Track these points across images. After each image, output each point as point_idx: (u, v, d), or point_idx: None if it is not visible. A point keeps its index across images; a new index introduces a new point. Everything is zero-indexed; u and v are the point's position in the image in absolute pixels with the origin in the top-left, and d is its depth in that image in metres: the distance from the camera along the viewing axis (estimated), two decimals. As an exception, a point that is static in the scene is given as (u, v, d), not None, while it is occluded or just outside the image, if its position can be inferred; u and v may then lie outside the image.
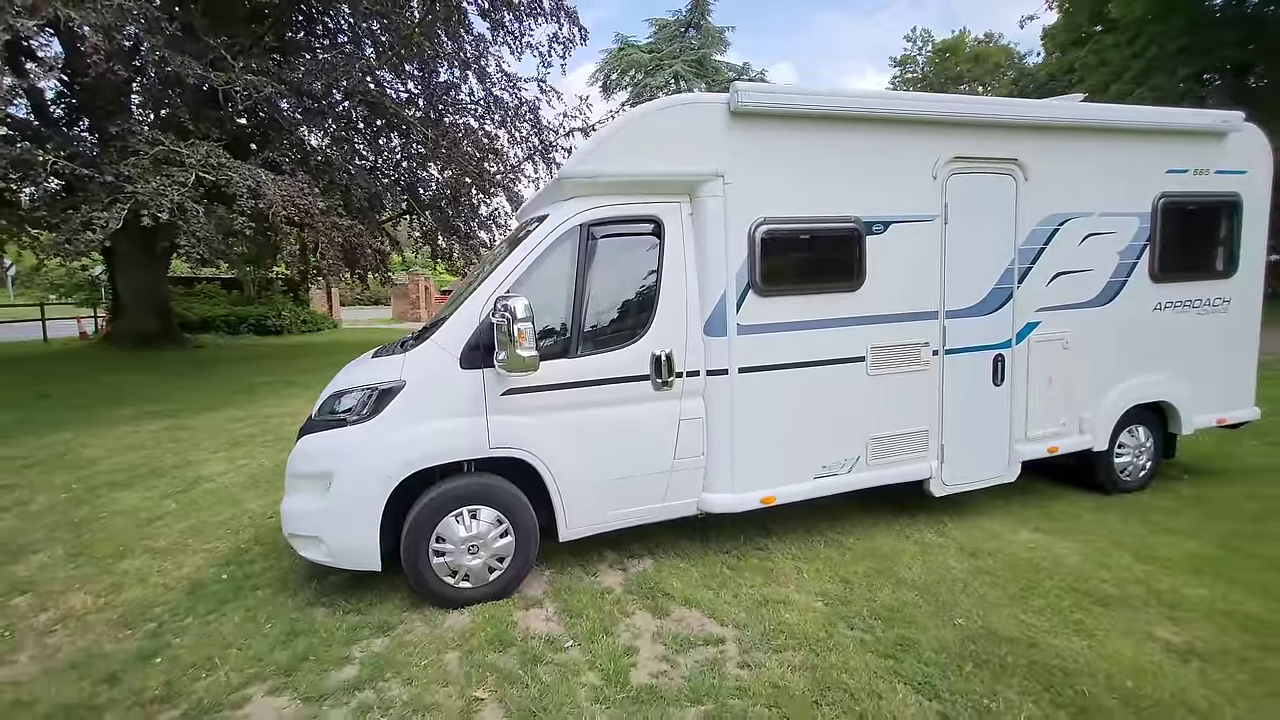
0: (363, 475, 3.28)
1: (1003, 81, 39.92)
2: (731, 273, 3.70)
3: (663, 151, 3.57)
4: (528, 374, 3.29)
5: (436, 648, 3.07)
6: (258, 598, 3.64)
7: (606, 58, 37.08)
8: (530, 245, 3.51)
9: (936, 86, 45.13)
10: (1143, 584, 3.55)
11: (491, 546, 3.46)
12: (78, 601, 3.66)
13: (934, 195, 4.10)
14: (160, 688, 2.80)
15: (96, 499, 5.40)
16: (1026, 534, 4.28)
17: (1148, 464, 5.08)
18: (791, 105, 3.70)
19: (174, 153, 8.52)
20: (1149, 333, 4.84)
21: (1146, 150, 4.67)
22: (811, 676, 2.77)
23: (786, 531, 4.35)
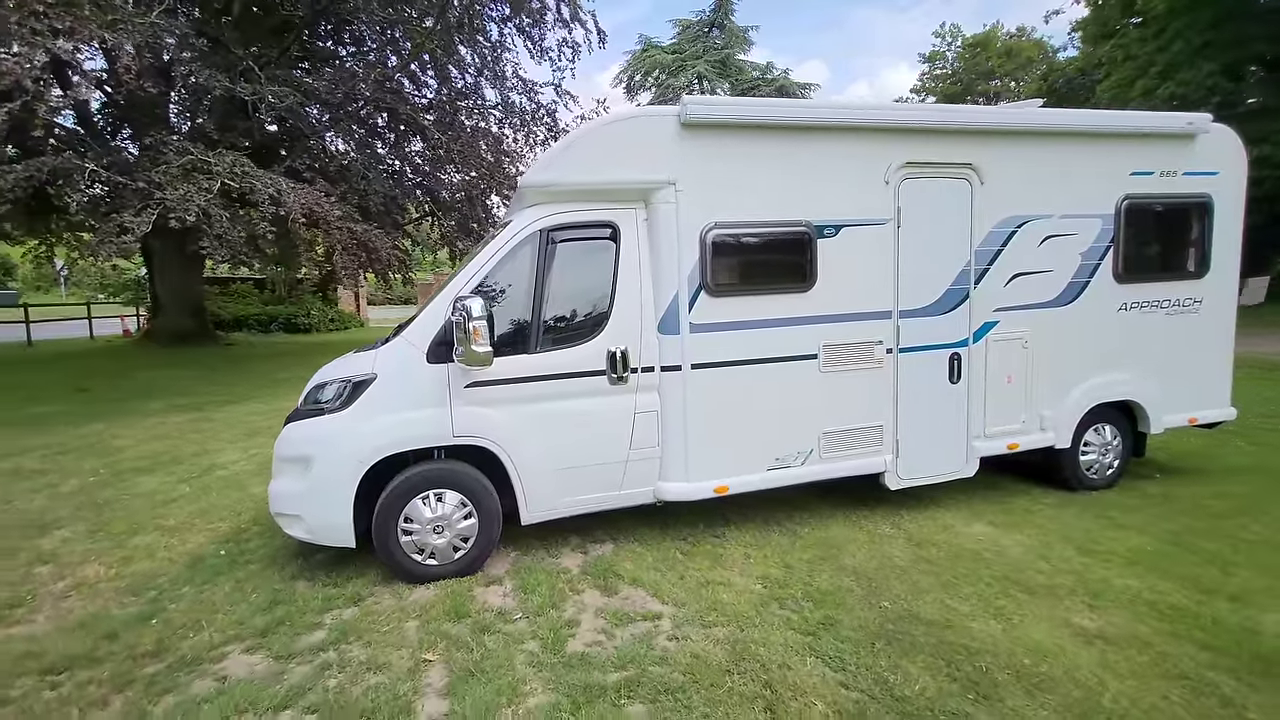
0: (337, 460, 3.61)
1: (1033, 77, 39.04)
2: (684, 275, 3.93)
3: (617, 162, 3.82)
4: (485, 368, 3.57)
5: (399, 617, 3.38)
6: (249, 571, 3.99)
7: (630, 59, 37.40)
8: (492, 249, 3.80)
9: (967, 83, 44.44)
10: (1076, 575, 3.68)
11: (455, 527, 3.75)
12: (91, 572, 4.07)
13: (886, 199, 4.26)
14: (152, 644, 3.15)
15: (120, 483, 5.88)
16: (980, 527, 4.42)
17: (1115, 462, 5.14)
18: (737, 116, 3.92)
19: (202, 162, 9.07)
20: (1113, 333, 4.91)
21: (1108, 153, 4.75)
22: (731, 649, 2.99)
23: (744, 521, 4.56)
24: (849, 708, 2.57)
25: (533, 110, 17.53)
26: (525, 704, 2.65)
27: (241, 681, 2.85)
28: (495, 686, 2.75)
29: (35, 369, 14.09)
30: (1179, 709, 2.53)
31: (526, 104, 17.62)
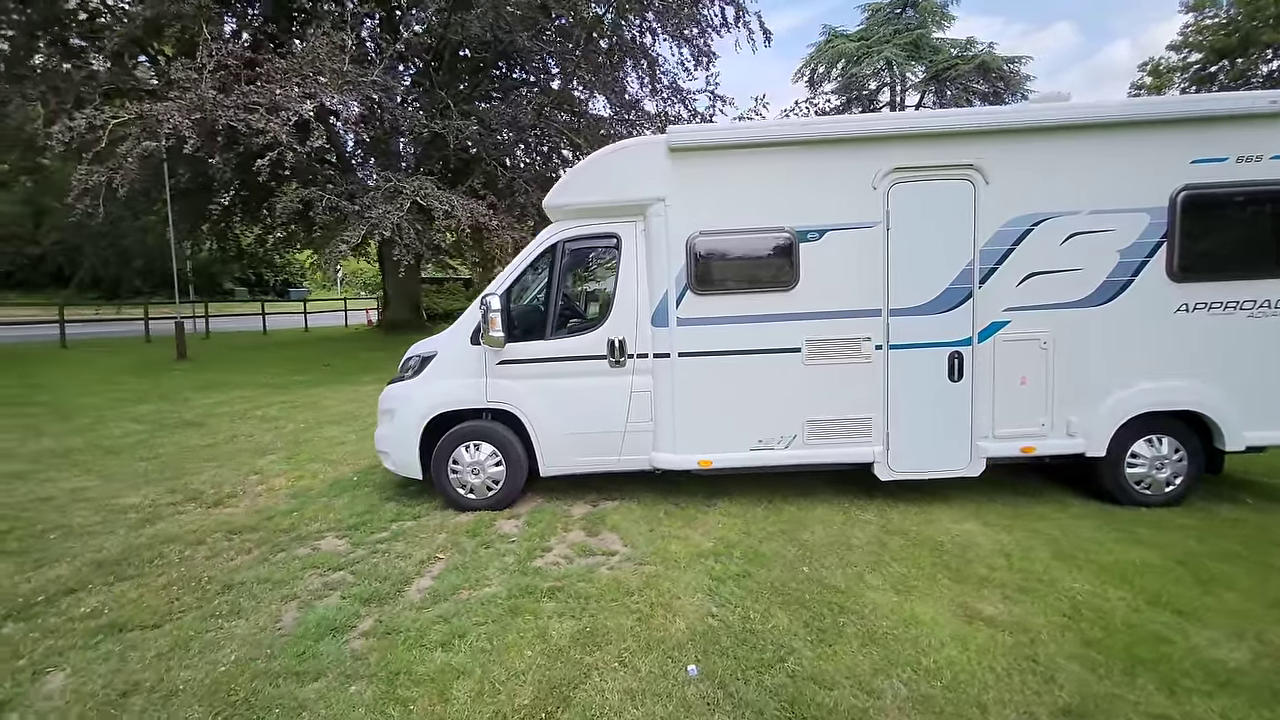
0: (409, 412, 4.94)
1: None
2: (672, 276, 4.63)
3: (617, 184, 4.64)
4: (501, 349, 4.65)
5: (436, 531, 4.59)
6: (364, 491, 5.54)
7: (812, 52, 36.64)
8: (522, 257, 4.85)
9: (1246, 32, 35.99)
10: (1026, 574, 3.69)
11: (488, 471, 4.89)
12: (277, 482, 5.93)
13: (874, 204, 4.50)
14: (287, 526, 4.73)
15: (318, 429, 8.06)
16: (969, 525, 4.45)
17: (1176, 479, 4.68)
18: (717, 140, 4.50)
19: (397, 189, 11.56)
20: (1168, 336, 4.50)
21: (1157, 143, 4.38)
22: (645, 580, 3.70)
23: (742, 495, 5.08)
24: (701, 628, 3.17)
25: (689, 118, 18.53)
26: (479, 590, 3.66)
27: (323, 553, 4.25)
28: (466, 577, 3.79)
29: (306, 348, 18.59)
30: (992, 676, 2.73)
31: (684, 113, 18.68)
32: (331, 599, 3.57)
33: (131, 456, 6.83)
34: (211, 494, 5.55)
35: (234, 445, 7.29)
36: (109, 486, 5.80)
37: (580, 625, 3.23)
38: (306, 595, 3.62)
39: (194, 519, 4.95)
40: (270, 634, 3.20)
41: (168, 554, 4.21)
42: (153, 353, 16.91)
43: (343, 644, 3.10)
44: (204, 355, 16.40)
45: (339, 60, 10.99)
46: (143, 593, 3.66)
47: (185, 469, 6.33)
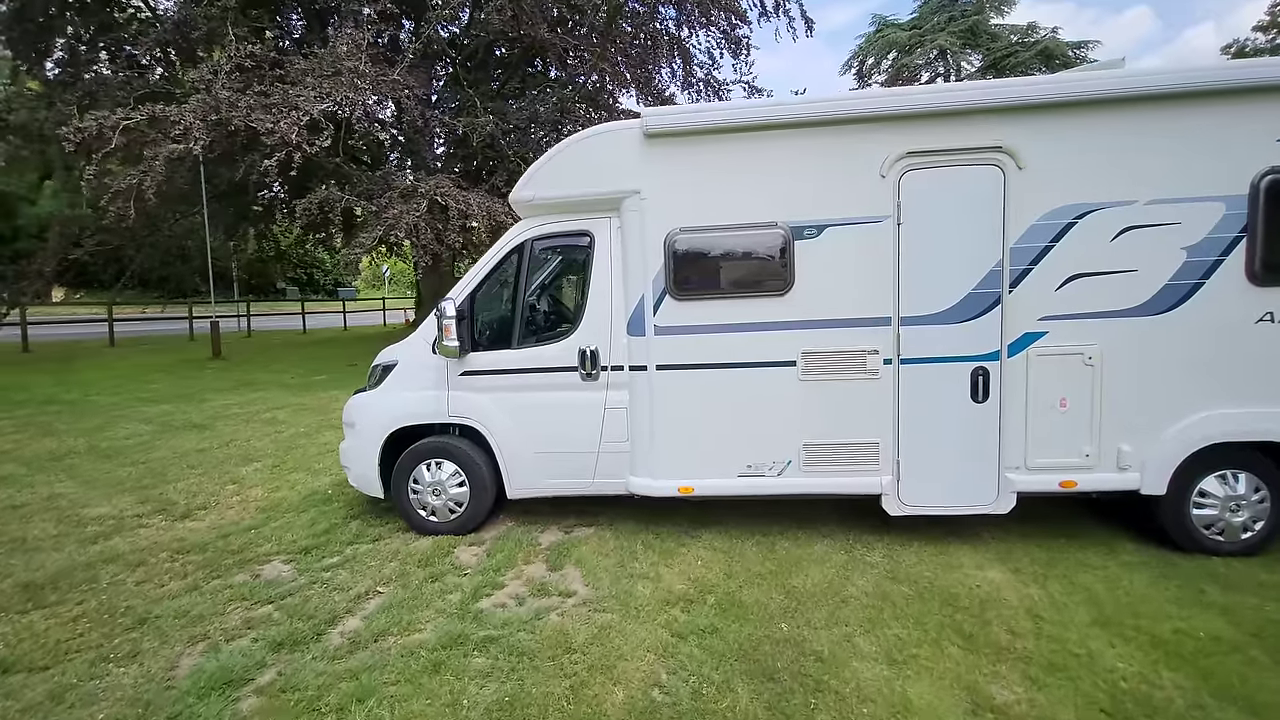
0: (368, 426, 4.57)
1: None
2: (649, 278, 4.09)
3: (587, 176, 4.14)
4: (462, 359, 4.21)
5: (388, 558, 4.19)
6: (333, 507, 5.21)
7: (862, 43, 35.30)
8: (487, 257, 4.40)
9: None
10: (1058, 644, 3.02)
11: (449, 492, 4.47)
12: (254, 493, 5.67)
13: (882, 195, 3.86)
14: (238, 546, 4.42)
15: (315, 434, 7.85)
16: (994, 573, 3.77)
17: (1256, 523, 3.87)
18: (698, 123, 3.93)
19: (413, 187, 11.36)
20: (1248, 351, 3.72)
21: (1236, 116, 3.60)
22: (596, 633, 3.19)
23: (733, 526, 4.50)
24: (641, 703, 2.64)
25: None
26: (408, 636, 3.22)
27: (261, 581, 3.90)
28: (398, 618, 3.36)
29: (338, 347, 18.77)
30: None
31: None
32: (243, 641, 3.20)
33: (123, 461, 6.73)
34: (182, 505, 5.33)
35: (226, 451, 7.12)
36: (85, 494, 5.65)
37: (502, 692, 2.75)
38: (220, 635, 3.26)
39: (151, 534, 4.70)
40: (157, 686, 2.83)
41: (101, 577, 3.94)
42: (192, 351, 17.36)
43: (228, 704, 2.70)
44: (239, 354, 16.71)
45: (357, 59, 10.84)
46: (50, 625, 3.37)
47: (168, 476, 6.16)
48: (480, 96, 14.31)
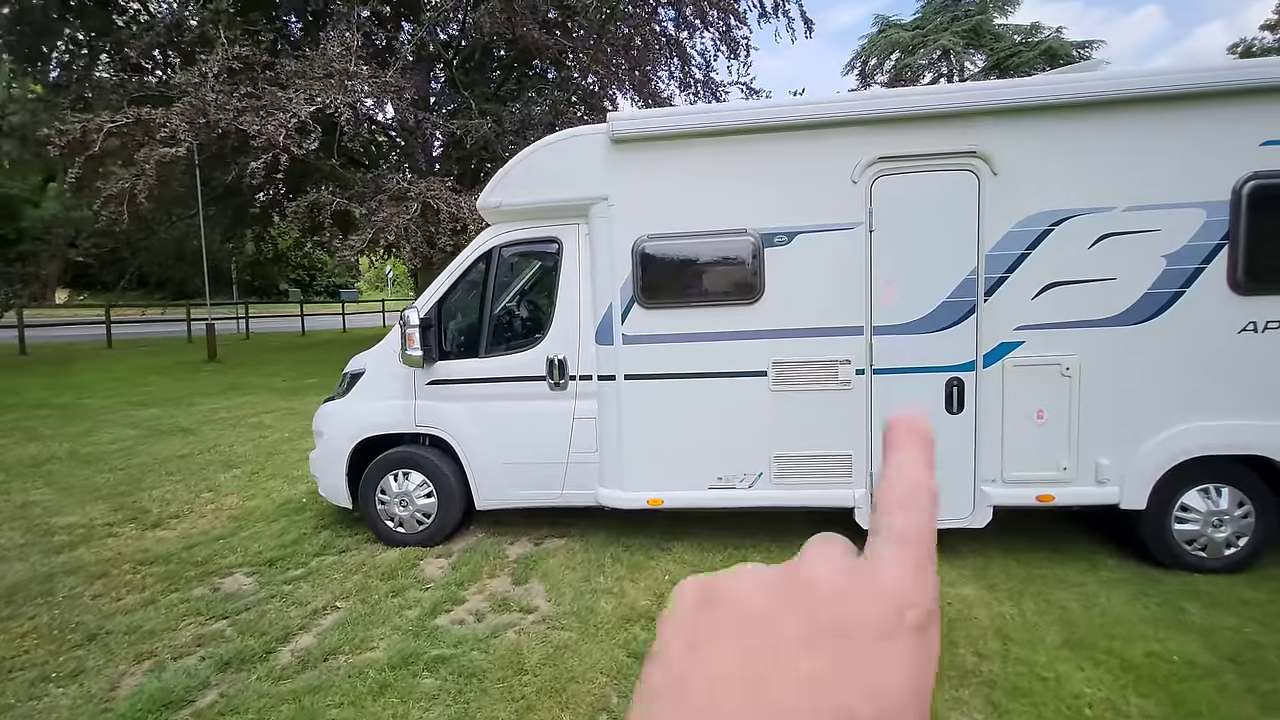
0: (335, 435, 4.50)
1: None
2: (617, 286, 4.01)
3: (553, 182, 4.05)
4: (429, 368, 4.13)
5: (352, 570, 4.12)
6: (305, 516, 5.14)
7: (864, 44, 35.14)
8: (455, 264, 4.33)
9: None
10: (1026, 666, 2.92)
11: (416, 503, 4.39)
12: (228, 501, 5.62)
13: (854, 201, 3.77)
14: (203, 558, 4.35)
15: (298, 440, 7.78)
16: (969, 589, 3.67)
17: (1240, 539, 3.76)
18: (666, 127, 3.84)
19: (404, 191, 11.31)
20: (1230, 361, 3.60)
21: (1218, 120, 3.49)
22: (551, 653, 3.11)
23: (705, 538, 4.41)
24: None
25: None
26: (360, 655, 3.15)
27: (220, 594, 3.83)
28: (352, 635, 3.29)
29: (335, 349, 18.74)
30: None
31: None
32: (190, 660, 3.13)
33: (103, 467, 6.68)
34: (155, 514, 5.27)
35: (208, 457, 7.07)
36: (59, 501, 5.61)
37: (447, 716, 2.67)
38: (167, 653, 3.19)
39: (119, 544, 4.64)
40: (94, 708, 2.76)
41: (59, 590, 3.88)
42: (189, 354, 17.35)
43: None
44: (234, 357, 16.70)
45: (347, 61, 10.78)
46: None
47: (145, 483, 6.11)
48: (476, 99, 14.24)
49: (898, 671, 0.24)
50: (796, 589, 0.27)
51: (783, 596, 0.27)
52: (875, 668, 0.24)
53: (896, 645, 0.25)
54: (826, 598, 0.26)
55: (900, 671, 0.24)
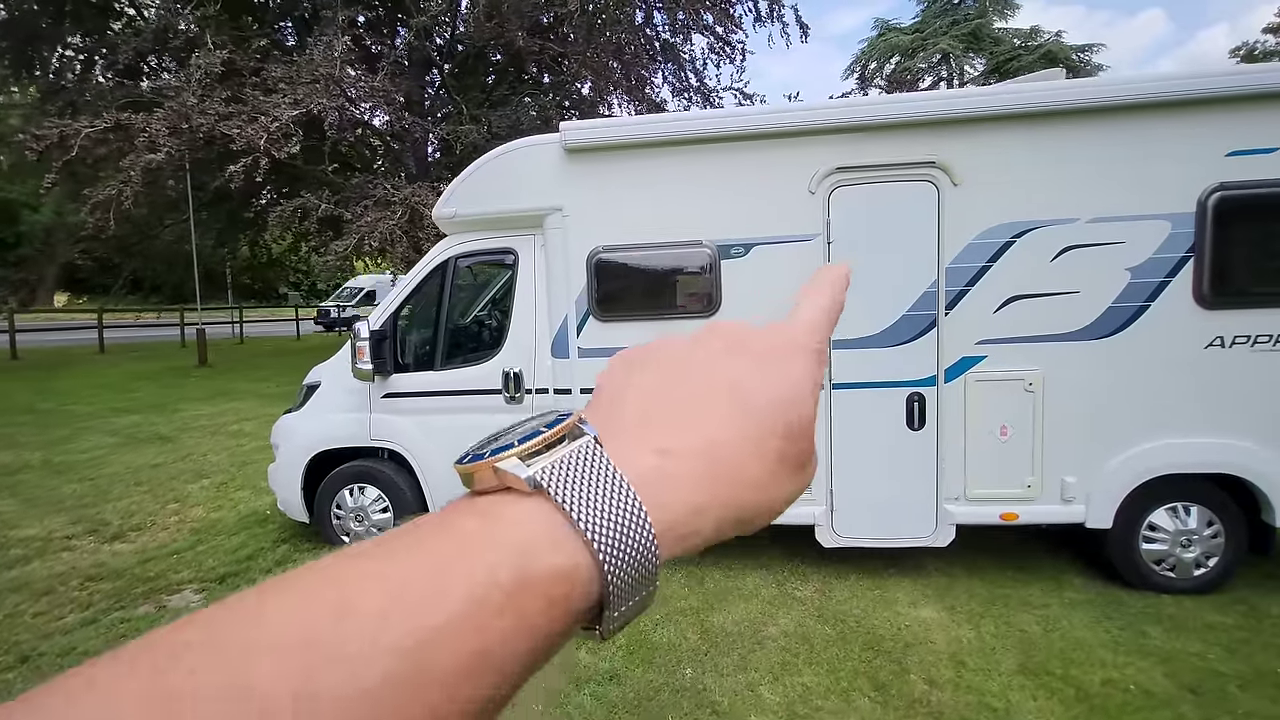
0: (291, 449, 4.43)
1: None
2: (572, 299, 3.93)
3: (507, 192, 3.98)
4: (381, 381, 4.06)
5: (304, 586, 4.04)
6: (267, 530, 5.07)
7: (864, 48, 35.08)
8: (410, 276, 4.26)
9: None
10: (977, 695, 2.82)
11: (372, 518, 4.32)
12: (194, 513, 5.55)
13: (811, 212, 3.68)
14: (155, 573, 4.28)
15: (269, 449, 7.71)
16: (929, 611, 3.57)
17: (1209, 559, 3.65)
18: (618, 137, 3.77)
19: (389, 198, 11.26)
20: (1196, 377, 3.50)
21: (1183, 130, 3.40)
22: (489, 677, 3.01)
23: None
24: (511, 764, 2.46)
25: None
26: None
27: (165, 612, 3.76)
28: (289, 659, 3.20)
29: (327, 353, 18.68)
30: None
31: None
32: (120, 683, 3.04)
33: (73, 477, 6.62)
34: (116, 526, 5.20)
35: (181, 466, 7.01)
36: (22, 513, 5.54)
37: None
38: (99, 676, 3.11)
39: (74, 558, 4.57)
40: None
41: (2, 607, 3.81)
42: (181, 358, 17.33)
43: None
44: (225, 361, 16.67)
45: (332, 66, 10.75)
46: (-72, 663, 3.23)
47: (112, 494, 6.04)
48: (468, 104, 14.21)
49: (798, 380, 0.32)
50: (714, 332, 0.35)
51: (703, 337, 0.35)
52: (778, 373, 0.32)
53: (793, 360, 0.33)
54: (737, 332, 0.35)
55: (799, 381, 0.32)
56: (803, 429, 0.33)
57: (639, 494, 0.27)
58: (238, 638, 0.21)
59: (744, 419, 0.31)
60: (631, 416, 0.32)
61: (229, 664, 0.20)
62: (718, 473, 0.30)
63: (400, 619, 0.22)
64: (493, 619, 0.23)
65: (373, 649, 0.21)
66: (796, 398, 0.33)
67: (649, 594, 0.29)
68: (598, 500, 0.27)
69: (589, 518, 0.26)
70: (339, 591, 0.23)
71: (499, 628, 0.23)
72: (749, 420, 0.31)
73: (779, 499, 0.33)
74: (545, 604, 0.25)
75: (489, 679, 0.23)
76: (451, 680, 0.22)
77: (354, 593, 0.22)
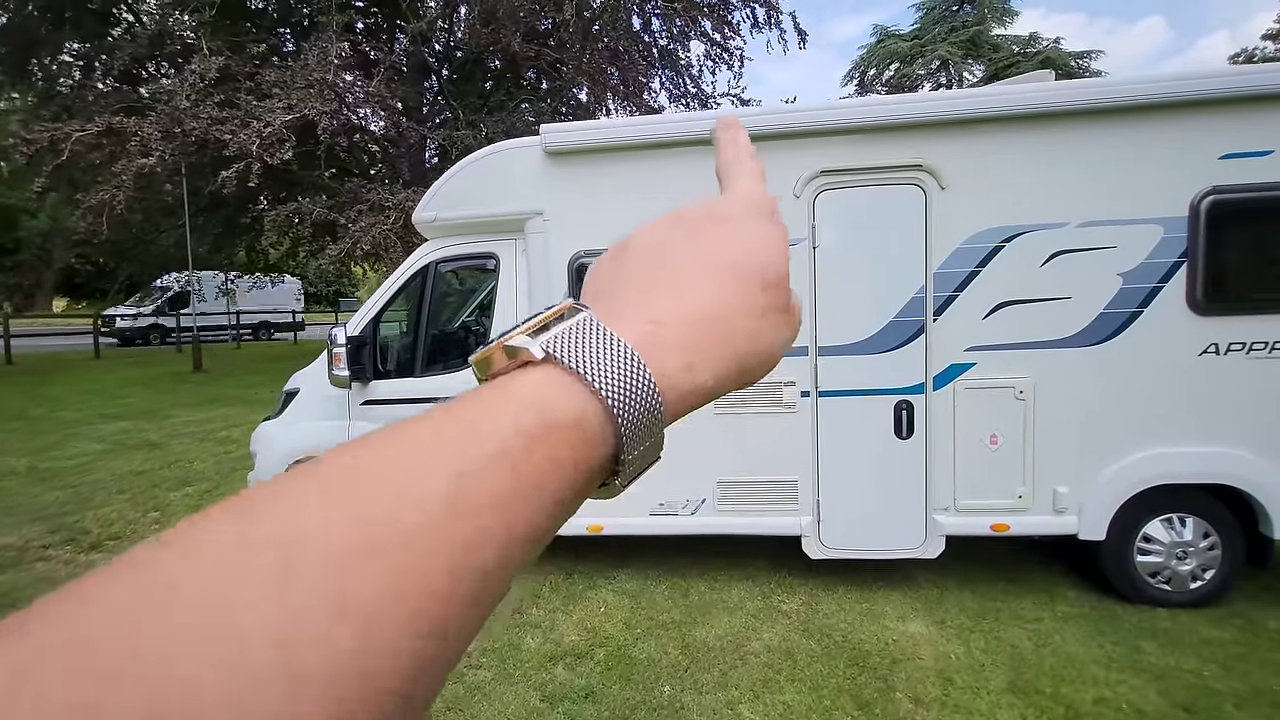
0: (268, 457, 4.34)
1: None
2: (554, 304, 3.85)
3: (486, 196, 3.91)
4: (361, 388, 3.98)
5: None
6: (247, 539, 4.98)
7: (863, 54, 35.13)
8: (390, 281, 4.19)
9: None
10: (964, 715, 2.73)
11: (350, 528, 4.22)
12: (174, 522, 5.43)
13: (796, 216, 3.61)
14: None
15: (262, 455, 7.64)
16: (918, 625, 3.47)
17: (1206, 572, 3.56)
18: (598, 140, 3.69)
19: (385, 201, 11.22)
20: (1191, 385, 3.42)
21: (1175, 132, 3.33)
22: (459, 697, 2.93)
23: (652, 564, 4.22)
24: (476, 788, 2.37)
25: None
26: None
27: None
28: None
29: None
30: None
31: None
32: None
33: (57, 484, 6.54)
34: (94, 535, 5.12)
35: (166, 474, 6.93)
36: (1, 521, 5.46)
37: (332, 768, 2.48)
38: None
39: (47, 569, 4.49)
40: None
41: (-32, 619, 3.72)
42: (178, 364, 17.27)
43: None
44: (221, 367, 16.60)
45: (326, 71, 10.72)
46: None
47: (94, 501, 5.96)
48: (465, 110, 14.19)
49: (764, 238, 0.38)
50: (681, 215, 0.40)
51: (672, 220, 0.40)
52: (746, 235, 0.37)
53: (756, 222, 0.39)
54: (701, 210, 0.40)
55: (766, 239, 0.38)
56: (779, 279, 0.36)
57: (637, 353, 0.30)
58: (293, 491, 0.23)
59: (727, 280, 0.34)
60: (624, 297, 0.35)
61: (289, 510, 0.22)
62: (711, 333, 0.33)
63: (443, 460, 0.24)
64: (523, 459, 0.25)
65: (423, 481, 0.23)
66: (769, 252, 0.37)
67: (656, 441, 0.31)
68: (601, 359, 0.29)
69: (595, 372, 0.28)
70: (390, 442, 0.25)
71: (530, 465, 0.25)
72: (731, 281, 0.34)
73: (773, 345, 0.36)
74: (568, 447, 0.27)
75: (524, 511, 0.25)
76: (491, 508, 0.24)
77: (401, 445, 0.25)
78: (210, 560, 0.20)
